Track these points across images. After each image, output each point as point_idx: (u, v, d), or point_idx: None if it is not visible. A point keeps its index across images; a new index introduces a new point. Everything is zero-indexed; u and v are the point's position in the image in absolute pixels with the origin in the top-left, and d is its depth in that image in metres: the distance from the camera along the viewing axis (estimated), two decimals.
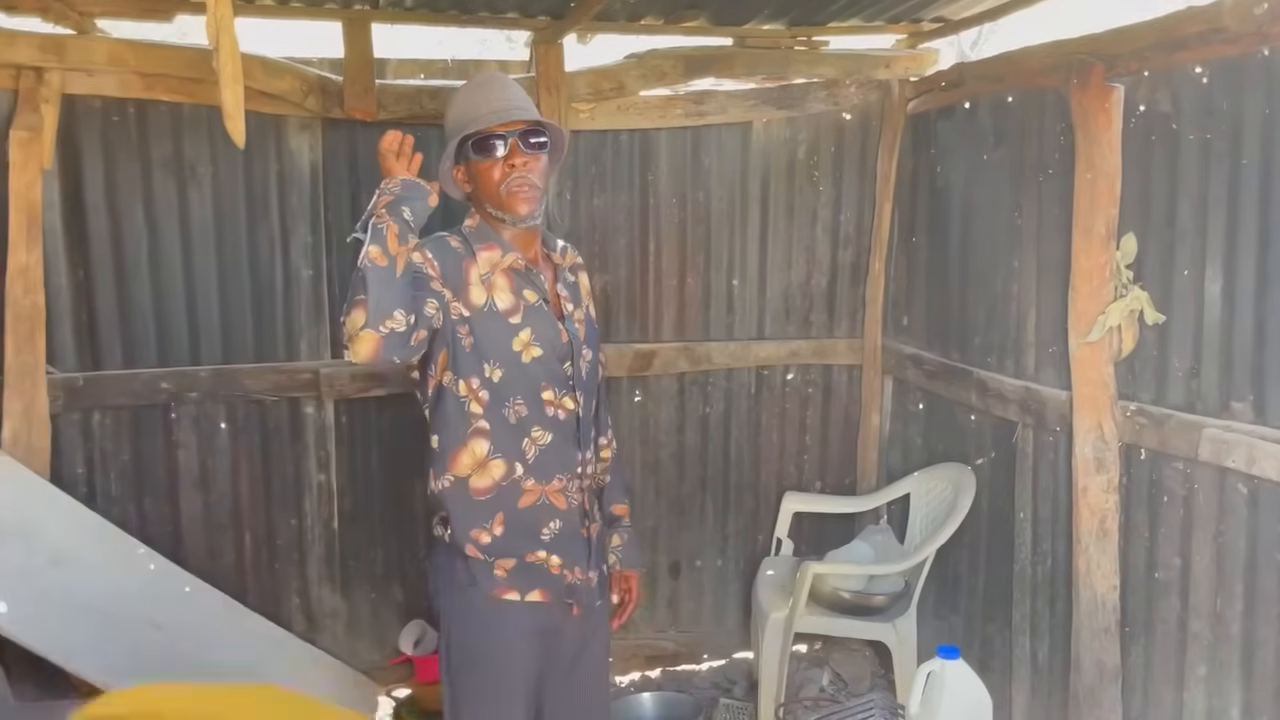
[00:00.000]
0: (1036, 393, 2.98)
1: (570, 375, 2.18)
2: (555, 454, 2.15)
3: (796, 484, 3.98)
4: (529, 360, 2.11)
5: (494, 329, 2.08)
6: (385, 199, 1.93)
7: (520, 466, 2.12)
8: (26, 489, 3.00)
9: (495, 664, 2.13)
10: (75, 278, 3.15)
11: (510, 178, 2.07)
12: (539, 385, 2.12)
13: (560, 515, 2.18)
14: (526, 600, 2.14)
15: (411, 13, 3.21)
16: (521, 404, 2.10)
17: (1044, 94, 2.94)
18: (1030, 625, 3.12)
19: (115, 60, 3.01)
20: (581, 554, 2.21)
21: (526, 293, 2.13)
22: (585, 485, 2.24)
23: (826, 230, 3.85)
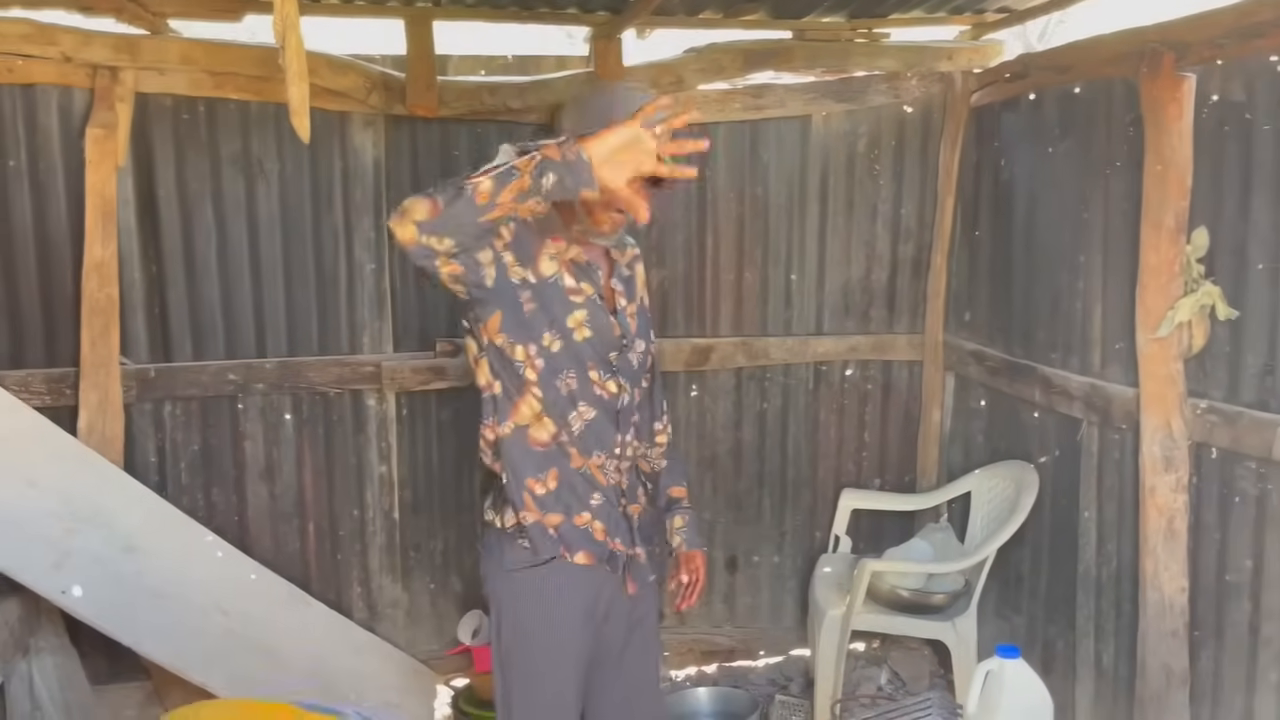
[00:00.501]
0: (1102, 389, 2.92)
1: (615, 363, 2.19)
2: (597, 431, 2.16)
3: (855, 481, 3.95)
4: (581, 339, 2.12)
5: (558, 299, 2.09)
6: (550, 151, 1.76)
7: (566, 435, 2.14)
8: (103, 477, 3.10)
9: (547, 642, 2.16)
10: (148, 271, 3.24)
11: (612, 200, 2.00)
12: (587, 364, 2.14)
13: (600, 489, 2.20)
14: (574, 561, 2.15)
15: (473, 9, 3.24)
16: (573, 378, 2.12)
17: (1112, 84, 2.87)
18: (1095, 627, 3.06)
19: (186, 59, 3.08)
20: (623, 529, 2.23)
21: (584, 284, 2.15)
22: (624, 466, 2.26)
23: (887, 224, 3.81)
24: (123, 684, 3.32)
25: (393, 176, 3.41)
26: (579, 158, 1.74)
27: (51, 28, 2.96)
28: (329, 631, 3.40)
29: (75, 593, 2.77)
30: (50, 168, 3.09)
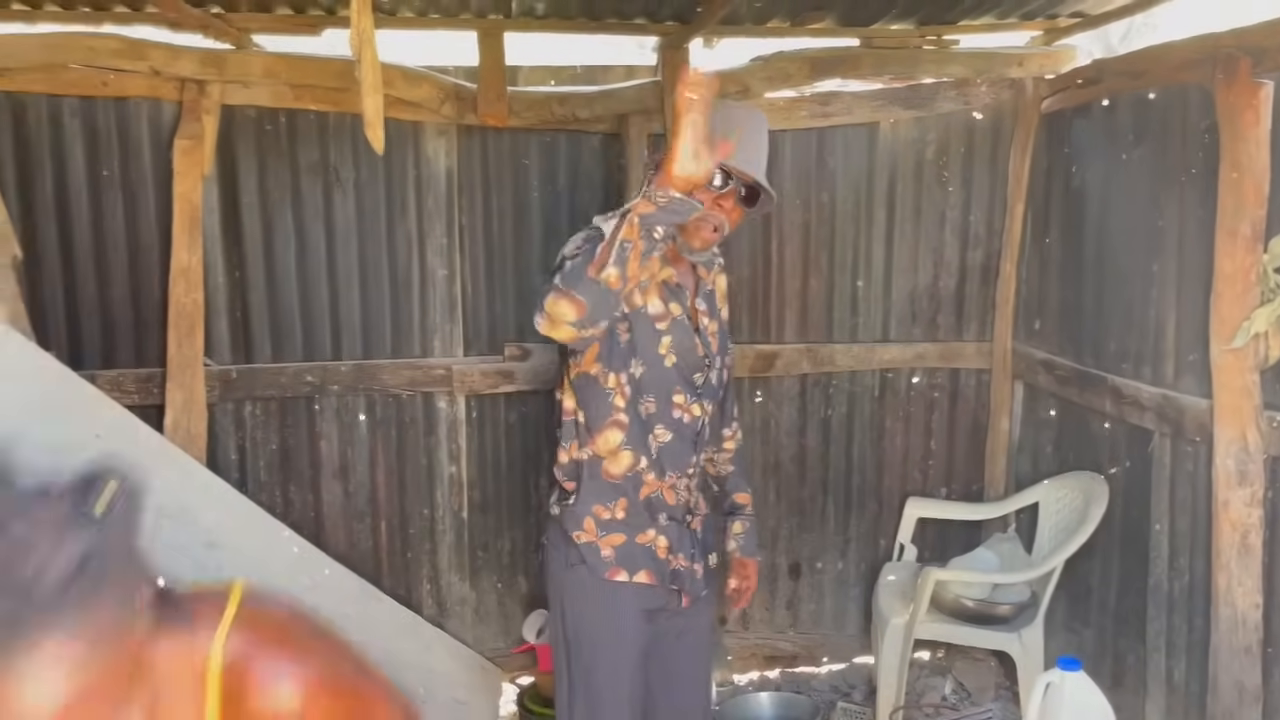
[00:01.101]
0: (1175, 401, 2.87)
1: (700, 385, 2.24)
2: (673, 453, 2.23)
3: (921, 489, 3.93)
4: (669, 365, 2.20)
5: (646, 330, 2.17)
6: (646, 208, 1.77)
7: (645, 460, 2.21)
8: (186, 474, 3.22)
9: (605, 638, 2.22)
10: (231, 276, 3.36)
11: (708, 215, 2.07)
12: (672, 388, 2.21)
13: (669, 509, 2.26)
14: (634, 581, 2.21)
15: (543, 21, 3.31)
16: (652, 401, 2.19)
17: (1187, 90, 2.83)
18: (1166, 642, 3.00)
19: (269, 73, 3.20)
20: (686, 544, 2.28)
21: (672, 305, 2.22)
22: (694, 484, 2.31)
23: (955, 231, 3.78)
24: None
25: (464, 184, 3.49)
26: (669, 196, 1.75)
27: (142, 43, 3.09)
28: (399, 627, 3.49)
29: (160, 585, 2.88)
30: (141, 177, 3.23)
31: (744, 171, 2.09)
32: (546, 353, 3.50)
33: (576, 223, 3.46)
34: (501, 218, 3.53)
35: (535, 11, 3.22)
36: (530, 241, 3.55)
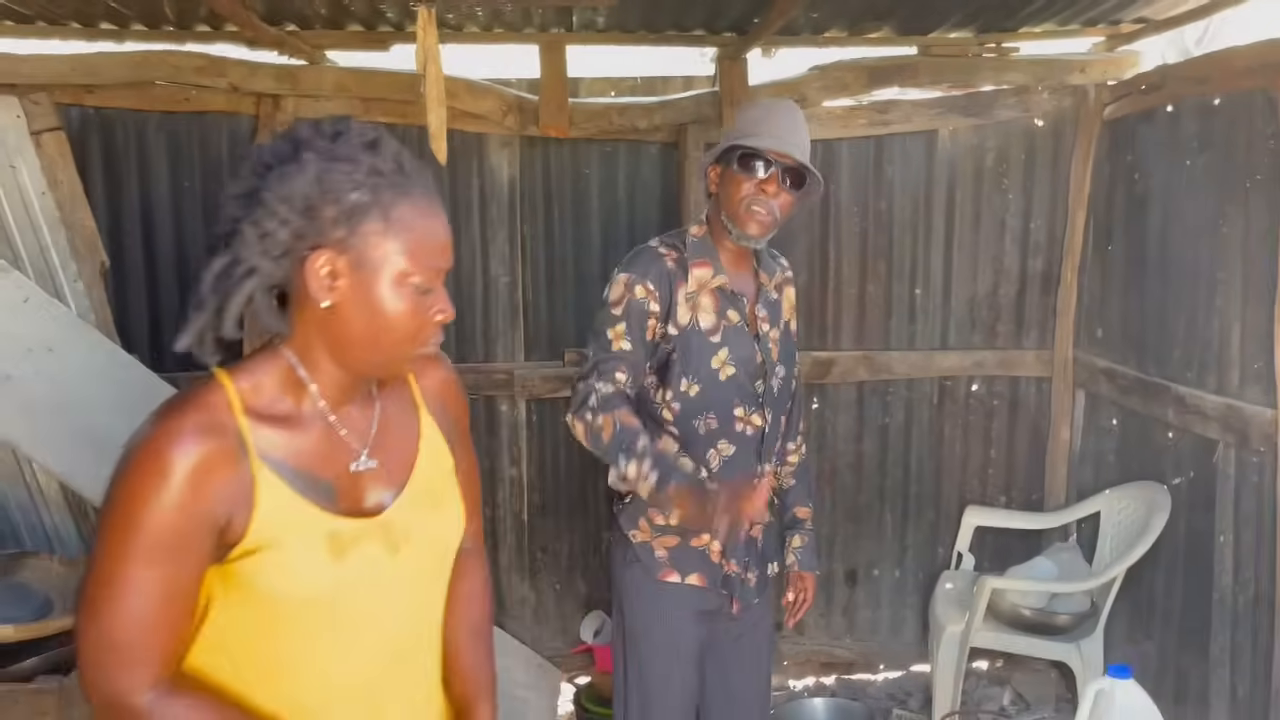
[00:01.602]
0: (1239, 410, 2.82)
1: (761, 393, 2.25)
2: (737, 465, 2.23)
3: (980, 498, 3.91)
4: (725, 378, 2.20)
5: (696, 346, 2.18)
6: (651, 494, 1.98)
7: (703, 472, 2.21)
8: None
9: (658, 637, 2.26)
10: None
11: (756, 199, 2.12)
12: (732, 402, 2.21)
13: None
14: (686, 583, 2.24)
15: (604, 34, 3.38)
16: (713, 418, 2.21)
17: (1252, 96, 2.79)
18: (1230, 657, 2.95)
19: (340, 87, 3.33)
20: (740, 550, 2.29)
21: (730, 313, 2.22)
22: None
23: (1015, 239, 3.77)
24: None
25: (526, 194, 3.58)
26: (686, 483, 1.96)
27: (222, 60, 3.24)
28: None
29: None
30: (220, 189, 3.35)
31: (782, 153, 2.11)
32: None
33: (635, 231, 3.54)
34: (562, 226, 3.61)
35: (596, 25, 3.29)
36: (590, 249, 3.63)
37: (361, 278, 1.17)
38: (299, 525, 1.18)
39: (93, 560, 1.16)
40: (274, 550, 1.16)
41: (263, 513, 1.16)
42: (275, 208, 1.13)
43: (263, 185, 1.14)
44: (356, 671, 1.26)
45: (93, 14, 3.07)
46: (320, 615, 1.21)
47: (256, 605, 1.19)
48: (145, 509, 1.11)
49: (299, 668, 1.23)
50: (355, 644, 1.25)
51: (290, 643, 1.21)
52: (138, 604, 1.13)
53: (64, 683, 2.35)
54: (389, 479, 1.29)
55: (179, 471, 1.11)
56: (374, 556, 1.23)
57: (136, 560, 1.12)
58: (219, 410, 1.16)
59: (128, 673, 1.15)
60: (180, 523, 1.12)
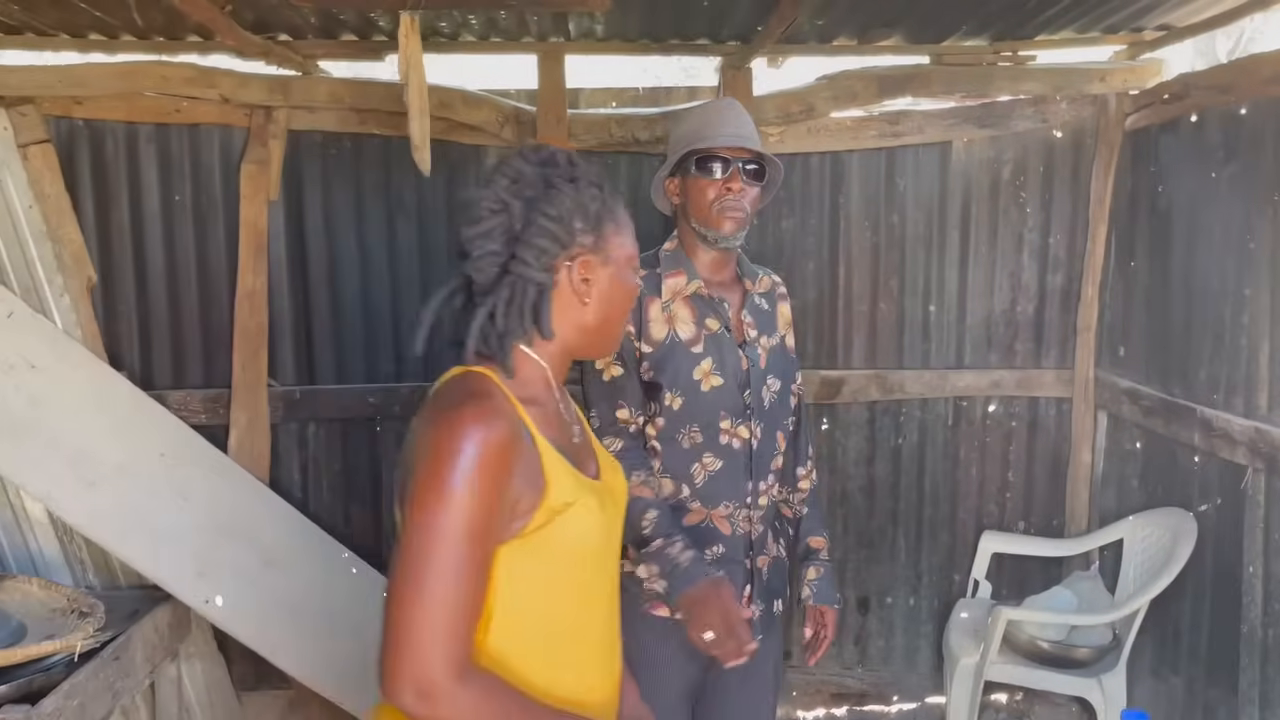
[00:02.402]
0: (1268, 434, 2.68)
1: (749, 404, 2.15)
2: (724, 481, 2.13)
3: (997, 523, 3.76)
4: (708, 389, 2.11)
5: (675, 360, 2.11)
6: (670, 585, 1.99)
7: (687, 488, 2.12)
8: (248, 493, 3.27)
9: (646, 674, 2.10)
10: (296, 299, 3.42)
11: (724, 199, 2.10)
12: (717, 414, 2.12)
13: (724, 540, 2.15)
14: (676, 618, 2.11)
15: (603, 43, 3.30)
16: (697, 431, 2.11)
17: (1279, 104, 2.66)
18: (1260, 694, 2.79)
19: (334, 98, 3.25)
20: (739, 583, 2.16)
21: (709, 320, 2.14)
22: (756, 515, 2.19)
23: (1034, 254, 3.64)
24: (266, 691, 3.49)
25: None
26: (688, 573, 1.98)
27: (212, 71, 3.18)
28: None
29: (217, 602, 2.93)
30: (211, 202, 3.31)
31: (738, 148, 2.09)
32: None
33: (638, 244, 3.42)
34: None
35: (595, 33, 3.20)
36: None
37: (608, 272, 1.41)
38: (578, 488, 1.36)
39: (412, 544, 1.22)
40: (571, 512, 1.33)
41: (555, 483, 1.32)
42: (551, 229, 1.34)
43: (530, 214, 1.34)
44: (602, 622, 1.44)
45: (80, 25, 3.02)
46: (594, 567, 1.40)
47: (549, 570, 1.33)
48: (467, 489, 1.22)
49: (571, 624, 1.38)
50: (602, 593, 1.44)
51: (569, 601, 1.37)
52: (460, 583, 1.22)
53: (30, 713, 2.26)
54: (586, 452, 1.49)
55: (494, 452, 1.23)
56: (611, 511, 1.43)
57: (460, 540, 1.21)
58: (502, 397, 1.31)
59: (445, 653, 1.20)
60: (495, 501, 1.24)
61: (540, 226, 1.33)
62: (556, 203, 1.35)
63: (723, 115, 2.16)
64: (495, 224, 1.35)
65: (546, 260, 1.35)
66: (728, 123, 2.13)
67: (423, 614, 1.20)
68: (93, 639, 2.55)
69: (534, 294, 1.35)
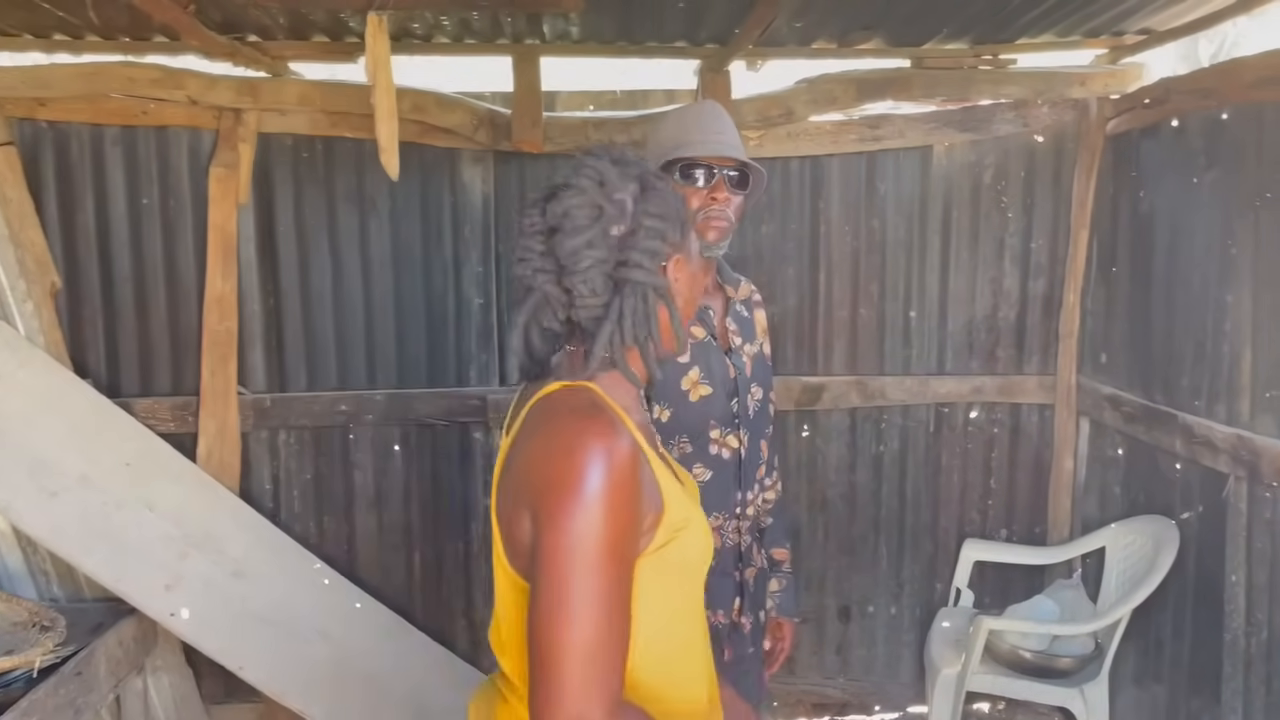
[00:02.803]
0: (1250, 442, 2.65)
1: (736, 413, 2.12)
2: (714, 492, 2.09)
3: (979, 531, 3.73)
4: (697, 399, 2.08)
5: (663, 370, 2.04)
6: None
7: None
8: (217, 503, 3.20)
9: None
10: (267, 305, 3.36)
11: (709, 208, 2.03)
12: (706, 424, 2.09)
13: (716, 554, 2.10)
14: None
15: (579, 45, 3.25)
16: (686, 442, 2.08)
17: (1262, 110, 2.63)
18: (1243, 703, 2.76)
19: (304, 100, 3.20)
20: (729, 596, 2.12)
21: (694, 329, 2.11)
22: (745, 526, 2.15)
23: (1015, 260, 3.61)
24: (236, 705, 3.42)
25: (501, 212, 3.45)
26: None
27: (179, 72, 3.12)
28: (431, 663, 3.41)
29: (183, 615, 2.86)
30: (179, 205, 3.24)
31: (723, 157, 2.03)
32: None
33: None
34: None
35: (570, 35, 3.15)
36: None
37: (689, 271, 1.40)
38: (690, 504, 1.35)
39: (558, 572, 1.17)
40: (688, 527, 1.31)
41: (670, 498, 1.30)
42: (658, 228, 1.31)
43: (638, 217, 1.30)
44: (702, 635, 1.43)
45: (45, 25, 2.95)
46: (701, 573, 1.39)
47: (669, 587, 1.32)
48: (606, 508, 1.18)
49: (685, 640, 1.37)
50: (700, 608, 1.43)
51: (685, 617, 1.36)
52: (611, 609, 1.18)
53: None
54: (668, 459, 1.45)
55: (624, 468, 1.20)
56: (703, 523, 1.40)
57: (606, 563, 1.17)
58: (612, 412, 1.28)
59: (601, 689, 1.16)
60: (631, 518, 1.22)
61: (649, 229, 1.30)
62: (657, 201, 1.32)
63: (705, 120, 2.09)
64: (596, 232, 1.28)
65: (659, 261, 1.32)
66: (710, 129, 2.06)
67: (577, 646, 1.15)
68: (53, 654, 2.50)
69: (655, 298, 1.31)
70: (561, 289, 1.30)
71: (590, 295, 1.29)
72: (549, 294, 1.31)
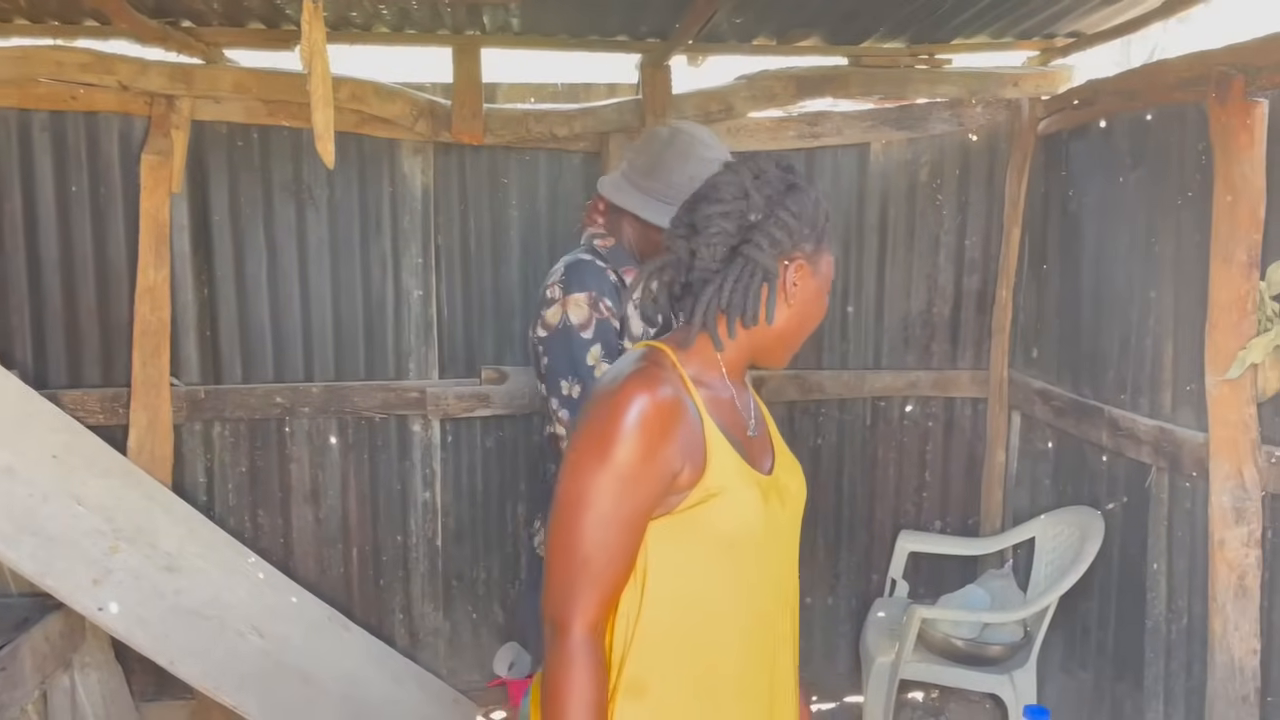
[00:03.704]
0: (1171, 434, 2.74)
1: None
2: None
3: (914, 522, 3.80)
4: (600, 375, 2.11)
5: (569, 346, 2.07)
6: None
7: None
8: (148, 496, 3.14)
9: None
10: (201, 295, 3.30)
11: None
12: None
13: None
14: None
15: (520, 37, 3.24)
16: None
17: (1184, 110, 2.71)
18: (1164, 688, 2.85)
19: (240, 88, 3.15)
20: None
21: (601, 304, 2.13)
22: None
23: (950, 256, 3.67)
24: (168, 701, 3.36)
25: (441, 203, 3.42)
26: None
27: (110, 57, 3.05)
28: (368, 658, 3.38)
29: (112, 610, 2.80)
30: (110, 194, 3.17)
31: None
32: (524, 375, 3.41)
33: (556, 243, 3.40)
34: (479, 237, 3.45)
35: (511, 27, 3.15)
36: (509, 262, 3.47)
37: (814, 285, 1.46)
38: (740, 475, 1.38)
39: (569, 490, 1.30)
40: (726, 496, 1.35)
41: (715, 462, 1.35)
42: (788, 221, 1.40)
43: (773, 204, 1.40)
44: (758, 615, 1.44)
45: None
46: (748, 555, 1.40)
47: (698, 549, 1.36)
48: (625, 445, 1.28)
49: (720, 606, 1.39)
50: (759, 586, 1.43)
51: (720, 590, 1.38)
52: (603, 530, 1.29)
53: None
54: (762, 448, 1.51)
55: (655, 413, 1.30)
56: (776, 508, 1.44)
57: (613, 494, 1.28)
58: (675, 373, 1.38)
59: (579, 594, 1.29)
60: (651, 463, 1.29)
61: (779, 219, 1.39)
62: (798, 201, 1.42)
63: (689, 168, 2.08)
64: (734, 207, 1.40)
65: (777, 251, 1.40)
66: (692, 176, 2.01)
67: (568, 559, 1.29)
68: None
69: (760, 278, 1.40)
70: (689, 251, 1.42)
71: (709, 260, 1.40)
72: (679, 254, 1.44)
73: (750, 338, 1.45)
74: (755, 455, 1.47)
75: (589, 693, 1.29)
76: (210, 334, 3.32)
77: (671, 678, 1.37)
